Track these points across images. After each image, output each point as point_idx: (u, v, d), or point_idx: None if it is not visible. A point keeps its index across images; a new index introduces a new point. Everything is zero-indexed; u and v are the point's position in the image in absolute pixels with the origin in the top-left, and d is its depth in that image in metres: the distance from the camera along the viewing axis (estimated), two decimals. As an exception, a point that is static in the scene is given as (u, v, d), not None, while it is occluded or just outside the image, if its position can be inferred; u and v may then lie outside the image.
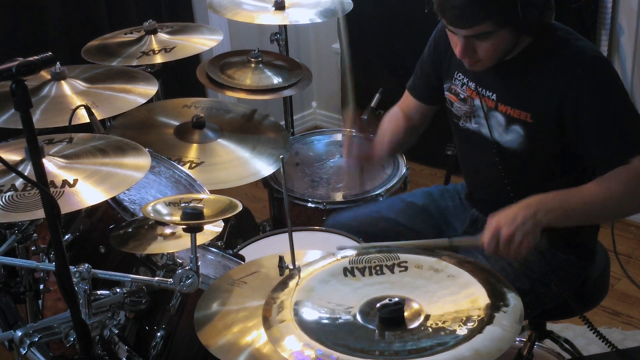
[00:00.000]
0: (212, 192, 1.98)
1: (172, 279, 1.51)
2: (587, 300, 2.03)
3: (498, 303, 1.28)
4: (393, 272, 1.39)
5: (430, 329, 1.24)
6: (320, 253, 1.57)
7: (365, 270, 1.40)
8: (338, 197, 2.47)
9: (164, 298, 1.64)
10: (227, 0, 2.75)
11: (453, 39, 1.81)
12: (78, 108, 1.97)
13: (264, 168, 2.27)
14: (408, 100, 2.18)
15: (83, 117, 1.98)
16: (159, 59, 2.43)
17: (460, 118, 1.97)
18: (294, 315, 1.29)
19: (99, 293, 1.53)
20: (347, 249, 1.50)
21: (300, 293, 1.35)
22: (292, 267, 1.50)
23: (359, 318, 1.28)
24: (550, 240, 1.75)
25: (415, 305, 1.30)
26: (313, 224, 2.27)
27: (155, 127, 2.38)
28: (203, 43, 2.55)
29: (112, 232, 1.67)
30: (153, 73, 2.40)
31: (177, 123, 2.39)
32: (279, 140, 2.40)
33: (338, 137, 2.78)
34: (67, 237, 1.83)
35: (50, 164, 1.55)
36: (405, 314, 1.27)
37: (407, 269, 1.40)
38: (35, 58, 1.24)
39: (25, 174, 1.41)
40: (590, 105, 1.73)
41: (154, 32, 2.55)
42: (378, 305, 1.27)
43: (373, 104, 2.36)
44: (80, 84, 2.16)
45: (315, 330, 1.25)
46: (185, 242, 1.56)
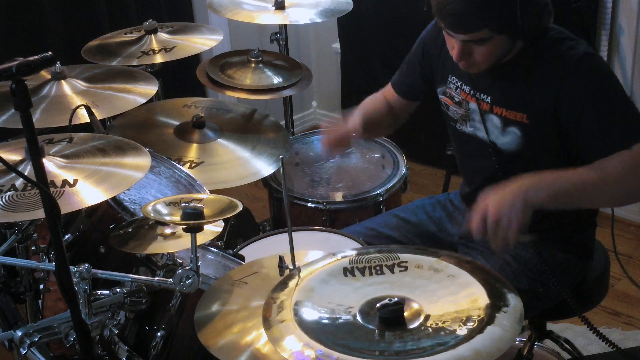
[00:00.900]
0: (212, 192, 1.97)
1: (172, 279, 1.51)
2: (586, 300, 2.03)
3: (498, 303, 1.27)
4: (393, 272, 1.39)
5: (430, 329, 1.24)
6: (321, 253, 1.57)
7: (365, 270, 1.40)
8: (338, 197, 2.47)
9: (164, 298, 1.63)
10: (227, 0, 2.75)
11: (450, 41, 1.81)
12: (78, 108, 1.97)
13: (264, 168, 2.27)
14: (391, 93, 2.20)
15: (83, 116, 1.98)
16: (159, 59, 2.43)
17: (457, 121, 1.97)
18: (294, 315, 1.29)
19: (99, 293, 1.53)
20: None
21: (300, 293, 1.35)
22: (292, 267, 1.51)
23: (359, 318, 1.28)
24: (549, 240, 1.74)
25: (415, 305, 1.30)
26: (313, 224, 2.28)
27: (155, 126, 2.37)
28: (203, 43, 2.55)
29: (112, 232, 1.67)
30: (153, 73, 2.40)
31: (177, 123, 2.38)
32: (279, 140, 2.39)
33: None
34: (67, 237, 1.83)
35: (50, 164, 1.55)
36: (405, 314, 1.26)
37: (407, 269, 1.40)
38: (35, 58, 1.24)
39: (25, 174, 1.41)
40: (586, 102, 1.73)
41: (154, 31, 2.55)
42: (378, 305, 1.27)
43: None
44: (80, 84, 2.15)
45: (315, 330, 1.25)
46: (185, 242, 1.56)
